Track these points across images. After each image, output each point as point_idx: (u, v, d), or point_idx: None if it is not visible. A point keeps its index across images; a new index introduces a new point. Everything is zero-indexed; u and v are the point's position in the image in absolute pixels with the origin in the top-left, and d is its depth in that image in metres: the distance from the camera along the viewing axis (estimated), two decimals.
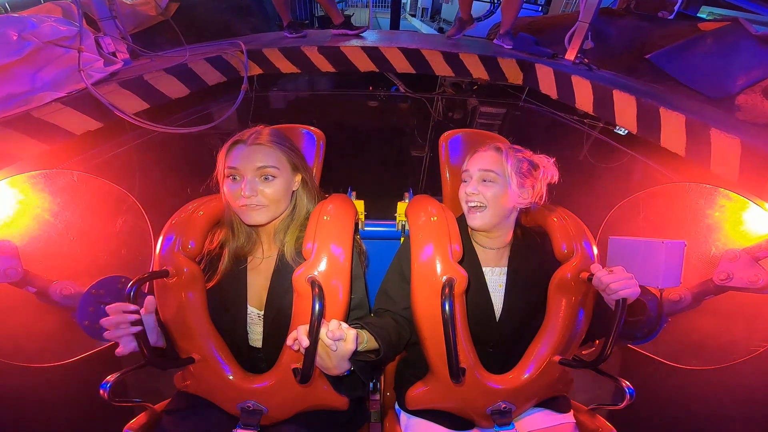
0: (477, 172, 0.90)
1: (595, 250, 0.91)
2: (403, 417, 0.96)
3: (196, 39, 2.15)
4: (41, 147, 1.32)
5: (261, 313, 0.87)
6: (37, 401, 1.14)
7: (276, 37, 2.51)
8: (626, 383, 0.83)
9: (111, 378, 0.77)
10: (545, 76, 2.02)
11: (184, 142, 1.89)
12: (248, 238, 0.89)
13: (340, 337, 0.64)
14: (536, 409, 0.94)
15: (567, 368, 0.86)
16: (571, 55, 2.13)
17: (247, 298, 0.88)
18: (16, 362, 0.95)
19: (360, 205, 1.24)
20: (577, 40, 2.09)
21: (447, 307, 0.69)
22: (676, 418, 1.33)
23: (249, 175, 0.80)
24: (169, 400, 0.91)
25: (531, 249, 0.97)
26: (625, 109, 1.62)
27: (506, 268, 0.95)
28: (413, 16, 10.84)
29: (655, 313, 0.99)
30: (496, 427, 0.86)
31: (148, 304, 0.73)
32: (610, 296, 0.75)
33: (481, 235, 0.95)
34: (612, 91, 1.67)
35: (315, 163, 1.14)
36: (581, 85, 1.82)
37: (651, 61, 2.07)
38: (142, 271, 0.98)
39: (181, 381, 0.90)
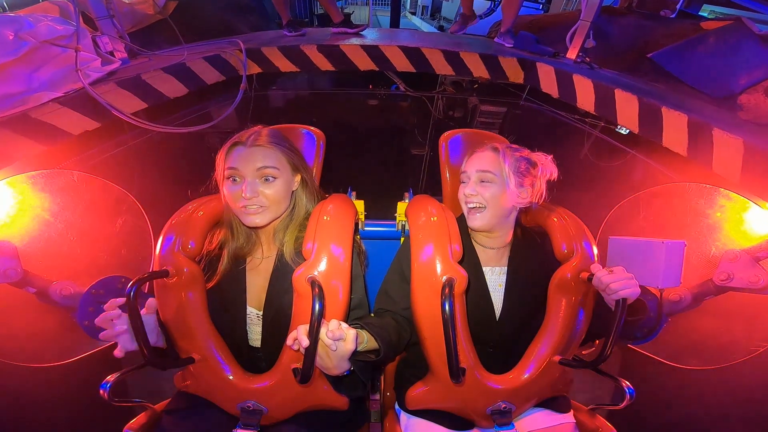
0: (475, 173, 0.90)
1: (595, 250, 0.91)
2: (403, 417, 0.96)
3: (194, 38, 2.14)
4: (38, 148, 1.32)
5: (260, 314, 0.87)
6: (37, 401, 1.14)
7: (275, 36, 2.49)
8: (626, 383, 0.83)
9: (111, 378, 0.77)
10: (546, 75, 2.01)
11: (184, 141, 1.88)
12: (247, 239, 0.89)
13: (339, 337, 0.64)
14: (536, 409, 0.94)
15: (567, 368, 0.86)
16: (573, 53, 2.12)
17: (247, 298, 0.87)
18: (16, 362, 0.95)
19: (360, 205, 1.24)
20: (578, 39, 2.07)
21: (447, 307, 0.69)
22: (676, 418, 1.34)
23: (249, 177, 0.80)
24: (169, 400, 0.91)
25: (531, 249, 0.97)
26: (627, 109, 1.61)
27: (506, 268, 0.95)
28: (413, 14, 10.79)
29: (655, 313, 0.99)
30: (496, 427, 0.86)
31: (149, 305, 0.73)
32: (610, 296, 0.75)
33: (481, 235, 0.95)
34: (614, 91, 1.66)
35: (315, 163, 1.13)
36: (583, 84, 1.82)
37: (653, 60, 2.06)
38: (142, 271, 0.97)
39: (181, 381, 0.90)
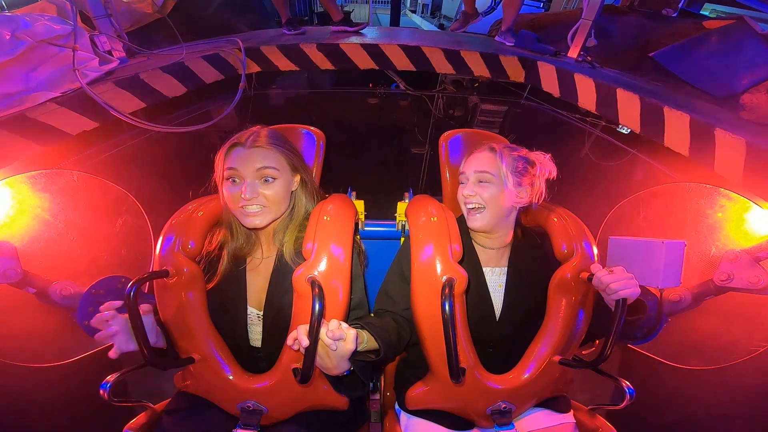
0: (473, 174, 0.90)
1: (595, 250, 0.91)
2: (403, 417, 0.97)
3: (193, 37, 2.14)
4: (36, 148, 1.31)
5: (260, 314, 0.87)
6: (37, 401, 1.15)
7: (274, 34, 2.48)
8: (626, 383, 0.83)
9: (111, 378, 0.77)
10: (547, 74, 2.01)
11: (183, 141, 1.88)
12: (247, 239, 0.89)
13: (340, 337, 0.64)
14: (536, 409, 0.94)
15: (567, 368, 0.86)
16: (574, 52, 2.11)
17: (247, 298, 0.87)
18: (16, 362, 0.95)
19: (360, 205, 1.24)
20: (580, 38, 2.07)
21: (447, 307, 0.69)
22: (676, 418, 1.34)
23: (249, 178, 0.79)
24: (169, 400, 0.91)
25: (531, 249, 0.97)
26: (629, 108, 1.61)
27: (506, 268, 0.95)
28: (413, 12, 10.75)
29: (655, 313, 0.99)
30: (496, 427, 0.86)
31: (145, 308, 0.73)
32: (610, 296, 0.75)
33: (481, 236, 0.95)
34: (615, 90, 1.65)
35: (315, 163, 1.13)
36: (584, 84, 1.81)
37: (655, 59, 2.05)
38: (142, 271, 0.98)
39: (181, 381, 0.90)
